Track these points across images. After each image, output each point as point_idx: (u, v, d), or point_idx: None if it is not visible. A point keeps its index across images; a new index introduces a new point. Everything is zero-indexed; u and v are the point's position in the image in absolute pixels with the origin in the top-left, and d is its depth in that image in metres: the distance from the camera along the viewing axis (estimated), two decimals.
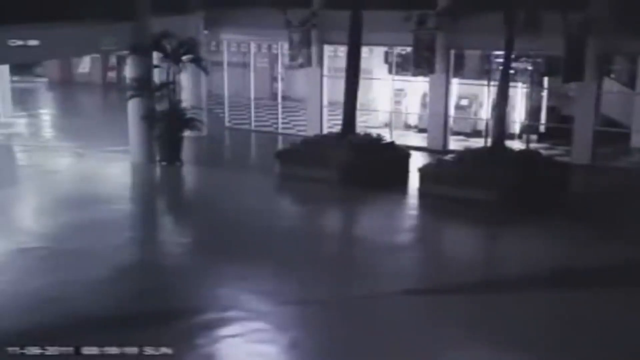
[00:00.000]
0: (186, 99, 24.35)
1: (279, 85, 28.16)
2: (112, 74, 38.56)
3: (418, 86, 25.38)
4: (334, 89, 25.18)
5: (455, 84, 24.58)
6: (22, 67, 35.38)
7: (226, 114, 28.07)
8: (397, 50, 25.28)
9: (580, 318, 12.19)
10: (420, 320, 12.26)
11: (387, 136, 23.31)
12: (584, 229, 16.58)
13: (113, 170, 21.85)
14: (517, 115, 24.31)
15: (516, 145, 22.26)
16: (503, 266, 15.10)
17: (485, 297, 13.10)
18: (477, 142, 23.34)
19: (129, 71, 22.36)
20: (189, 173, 22.10)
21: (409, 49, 23.78)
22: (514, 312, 12.42)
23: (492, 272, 14.87)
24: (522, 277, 13.93)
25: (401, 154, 21.40)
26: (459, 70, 24.67)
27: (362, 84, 22.34)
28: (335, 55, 25.90)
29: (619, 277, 13.91)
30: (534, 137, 23.86)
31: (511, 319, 12.14)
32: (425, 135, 24.81)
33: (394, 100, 25.84)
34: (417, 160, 21.30)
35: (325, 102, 25.82)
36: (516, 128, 24.38)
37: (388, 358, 10.89)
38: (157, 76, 22.33)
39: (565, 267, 14.45)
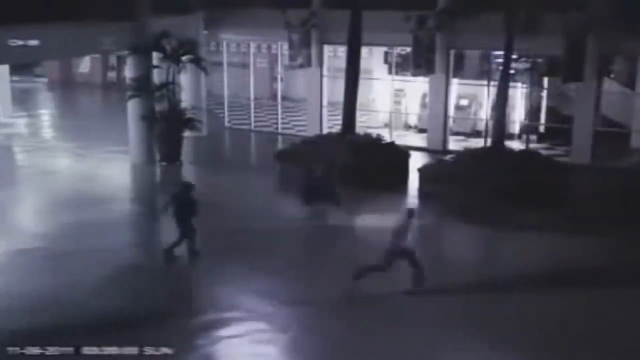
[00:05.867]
0: (186, 99, 24.36)
1: (279, 86, 28.17)
2: (112, 74, 38.59)
3: (418, 86, 25.39)
4: (334, 89, 25.19)
5: (455, 84, 24.59)
6: (22, 67, 35.40)
7: (226, 114, 28.08)
8: (397, 50, 25.30)
9: None
10: None
11: (386, 136, 23.31)
12: None
13: (113, 170, 21.84)
14: (517, 115, 24.33)
15: (516, 145, 22.29)
16: None
17: None
18: (477, 143, 23.36)
19: (129, 71, 22.37)
20: (188, 173, 22.08)
21: (408, 49, 23.78)
22: None
23: None
24: None
25: (401, 155, 21.36)
26: (459, 70, 24.68)
27: (362, 84, 22.32)
28: (335, 56, 25.91)
29: None
30: (533, 137, 23.89)
31: None
32: (425, 135, 24.82)
33: (394, 101, 25.85)
34: (417, 161, 21.32)
35: (325, 102, 25.83)
36: (516, 128, 24.42)
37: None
38: (157, 76, 22.34)
39: None
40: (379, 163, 19.95)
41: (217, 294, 13.12)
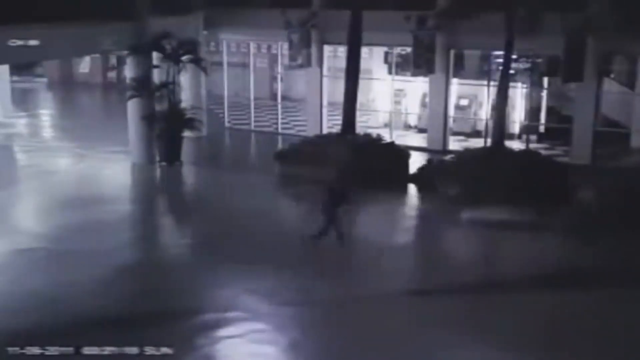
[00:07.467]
0: (186, 99, 24.35)
1: (279, 86, 28.16)
2: (112, 74, 38.58)
3: (418, 86, 25.38)
4: (334, 89, 25.18)
5: (455, 84, 24.58)
6: (22, 67, 35.39)
7: (226, 114, 28.07)
8: (397, 50, 25.29)
9: None
10: None
11: (386, 136, 23.30)
12: None
13: (113, 170, 21.84)
14: (517, 115, 24.32)
15: (516, 145, 22.26)
16: None
17: None
18: (477, 143, 23.36)
19: (129, 71, 22.37)
20: (189, 173, 22.09)
21: (408, 49, 23.77)
22: None
23: None
24: None
25: (401, 155, 21.33)
26: (459, 70, 24.67)
27: (362, 84, 22.33)
28: (335, 56, 25.91)
29: None
30: (533, 137, 23.88)
31: None
32: (425, 135, 24.81)
33: (394, 101, 25.84)
34: (416, 161, 21.31)
35: (325, 102, 25.81)
36: (516, 128, 24.41)
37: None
38: (157, 76, 22.34)
39: None
40: (379, 163, 19.95)
41: (216, 294, 13.16)
